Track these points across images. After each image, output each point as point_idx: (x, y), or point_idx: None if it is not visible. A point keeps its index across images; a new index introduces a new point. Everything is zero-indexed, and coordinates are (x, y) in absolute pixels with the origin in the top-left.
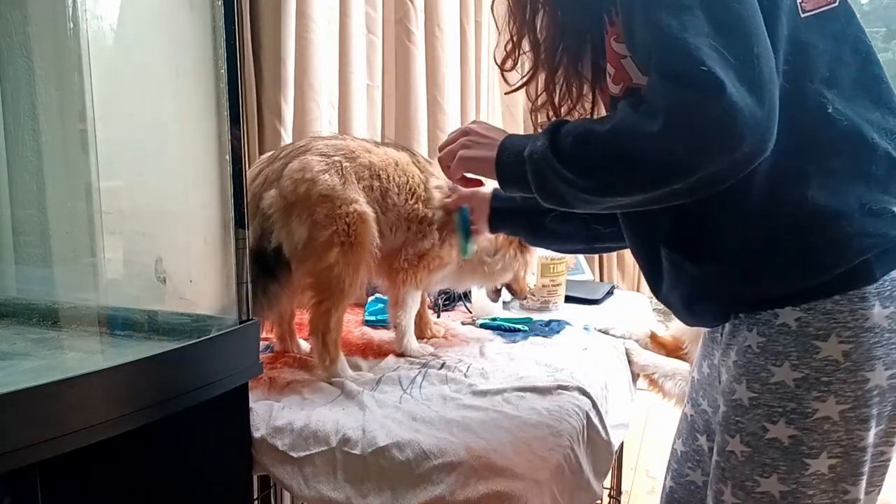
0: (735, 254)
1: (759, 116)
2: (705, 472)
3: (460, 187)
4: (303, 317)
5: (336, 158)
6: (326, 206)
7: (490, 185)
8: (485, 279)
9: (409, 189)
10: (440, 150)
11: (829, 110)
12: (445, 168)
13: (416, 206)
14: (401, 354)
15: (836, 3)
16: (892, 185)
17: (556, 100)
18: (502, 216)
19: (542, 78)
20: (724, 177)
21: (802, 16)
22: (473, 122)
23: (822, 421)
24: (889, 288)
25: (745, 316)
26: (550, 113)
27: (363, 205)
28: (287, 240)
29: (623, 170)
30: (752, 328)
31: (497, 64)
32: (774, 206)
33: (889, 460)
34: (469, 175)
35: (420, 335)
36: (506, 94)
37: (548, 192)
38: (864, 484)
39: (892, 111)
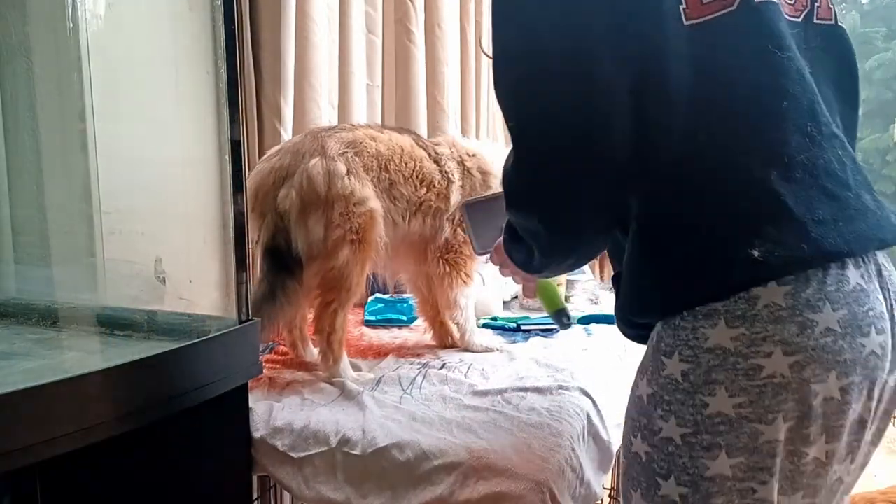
0: (622, 285)
1: (574, 161)
2: None
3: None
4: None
5: (349, 154)
6: (341, 205)
7: None
8: None
9: (419, 177)
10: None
11: (700, 137)
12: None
13: (427, 195)
14: (465, 349)
15: (734, 6)
16: (764, 222)
17: None
18: None
19: None
20: (582, 215)
21: (686, 23)
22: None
23: (666, 441)
24: (744, 307)
25: None
26: None
27: (374, 201)
28: (303, 238)
29: (530, 243)
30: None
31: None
32: (639, 248)
33: (767, 502)
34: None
35: (441, 343)
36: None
37: (529, 273)
38: None
39: (799, 128)
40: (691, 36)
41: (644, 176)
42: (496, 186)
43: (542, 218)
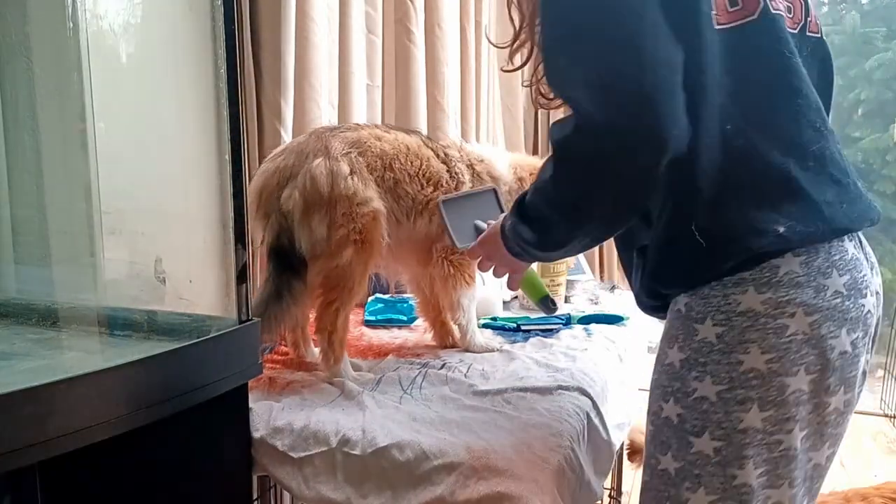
0: (651, 259)
1: (637, 127)
2: None
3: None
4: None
5: (352, 155)
6: (344, 205)
7: None
8: None
9: (425, 176)
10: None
11: (729, 128)
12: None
13: (434, 194)
14: (466, 349)
15: (755, 17)
16: (786, 203)
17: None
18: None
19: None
20: (637, 186)
21: (716, 28)
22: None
23: (701, 400)
24: (768, 275)
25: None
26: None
27: (377, 202)
28: (307, 239)
29: (556, 218)
30: (668, 317)
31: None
32: (672, 225)
33: (793, 449)
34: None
35: (441, 343)
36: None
37: (535, 256)
38: (751, 468)
39: (810, 124)
40: (721, 39)
41: (684, 155)
42: (504, 191)
43: (590, 186)
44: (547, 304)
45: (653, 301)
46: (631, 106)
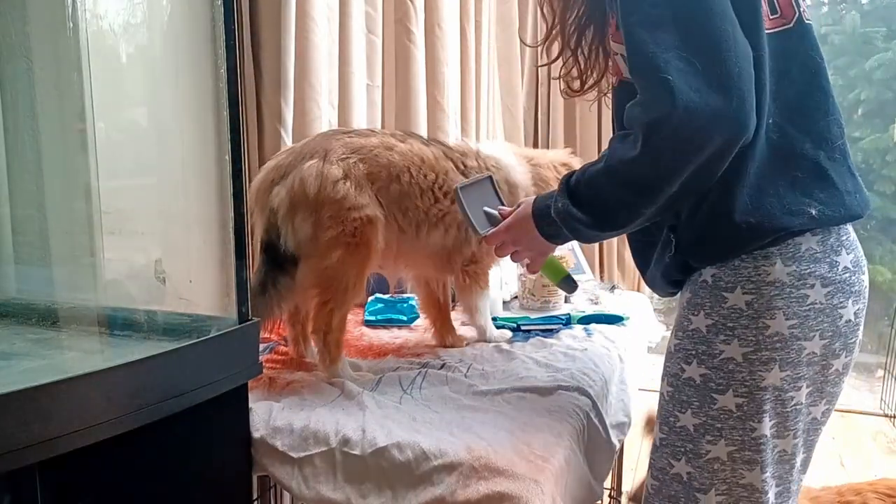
0: (688, 236)
1: (727, 110)
2: None
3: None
4: None
5: (351, 160)
6: (332, 209)
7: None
8: None
9: (441, 189)
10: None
11: (770, 122)
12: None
13: (452, 207)
14: (484, 341)
15: (792, 25)
16: (817, 189)
17: (580, 72)
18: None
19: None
20: (714, 166)
21: (765, 31)
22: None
23: (727, 361)
24: (792, 250)
25: (687, 281)
26: (576, 85)
27: (371, 209)
28: (291, 236)
29: (629, 197)
30: (686, 289)
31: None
32: (717, 206)
33: (799, 404)
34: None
35: (441, 343)
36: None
37: (586, 237)
38: (767, 421)
39: (836, 121)
40: (767, 41)
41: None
42: (521, 197)
43: (678, 165)
44: (569, 282)
45: (680, 275)
46: (724, 91)
